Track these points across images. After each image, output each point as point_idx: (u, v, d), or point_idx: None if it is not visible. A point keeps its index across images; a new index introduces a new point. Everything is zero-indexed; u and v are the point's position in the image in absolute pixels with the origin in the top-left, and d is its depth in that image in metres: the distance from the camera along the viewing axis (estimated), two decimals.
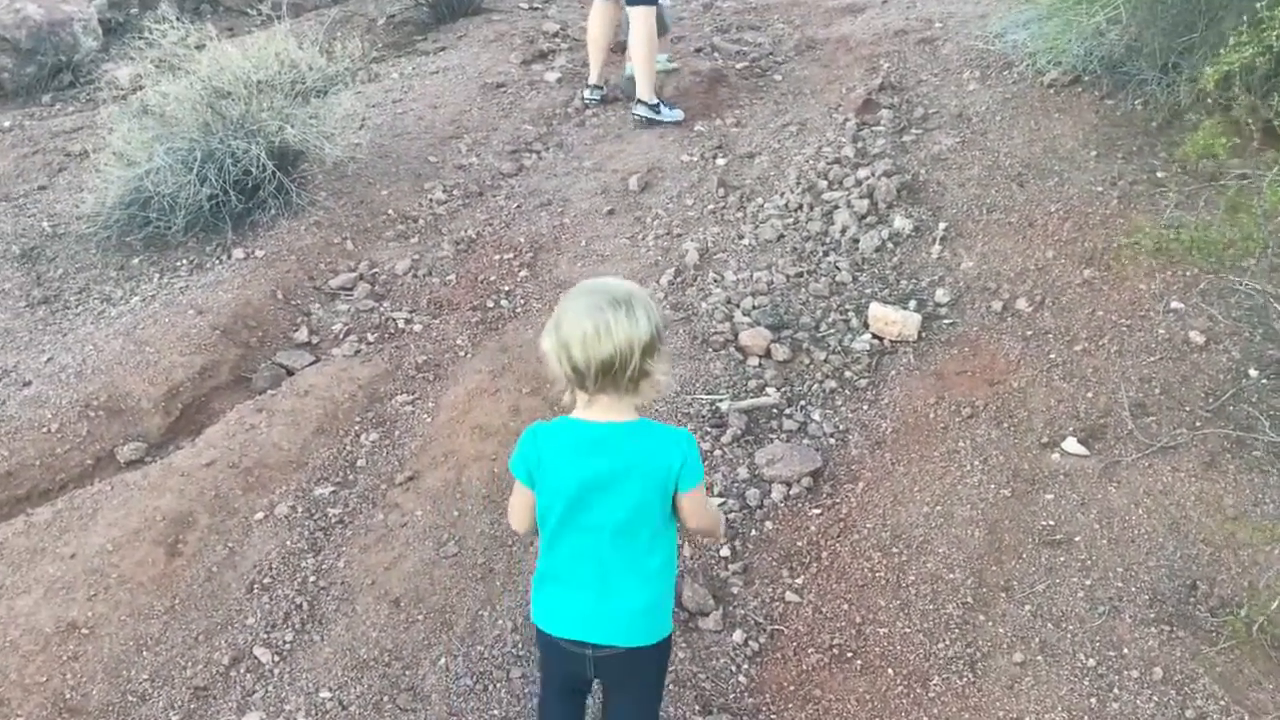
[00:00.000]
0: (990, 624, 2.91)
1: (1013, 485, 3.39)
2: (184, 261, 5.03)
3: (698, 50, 7.43)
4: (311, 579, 3.21)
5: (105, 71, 7.86)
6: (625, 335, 2.07)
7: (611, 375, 2.09)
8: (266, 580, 3.20)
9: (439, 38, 7.97)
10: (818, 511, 3.39)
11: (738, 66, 7.20)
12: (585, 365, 2.08)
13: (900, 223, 5.00)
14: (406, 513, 3.44)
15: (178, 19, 8.90)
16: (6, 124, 7.09)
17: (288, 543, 3.34)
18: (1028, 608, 2.93)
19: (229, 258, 4.98)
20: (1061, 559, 3.08)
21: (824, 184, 5.41)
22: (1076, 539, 3.15)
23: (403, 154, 6.07)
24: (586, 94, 6.83)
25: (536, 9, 8.25)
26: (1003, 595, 2.98)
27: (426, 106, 6.73)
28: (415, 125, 6.47)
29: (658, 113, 6.43)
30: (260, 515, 3.46)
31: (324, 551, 3.32)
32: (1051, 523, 3.23)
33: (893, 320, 4.25)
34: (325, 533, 3.40)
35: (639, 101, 6.43)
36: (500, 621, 3.01)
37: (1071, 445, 3.54)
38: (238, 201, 5.09)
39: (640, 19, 6.20)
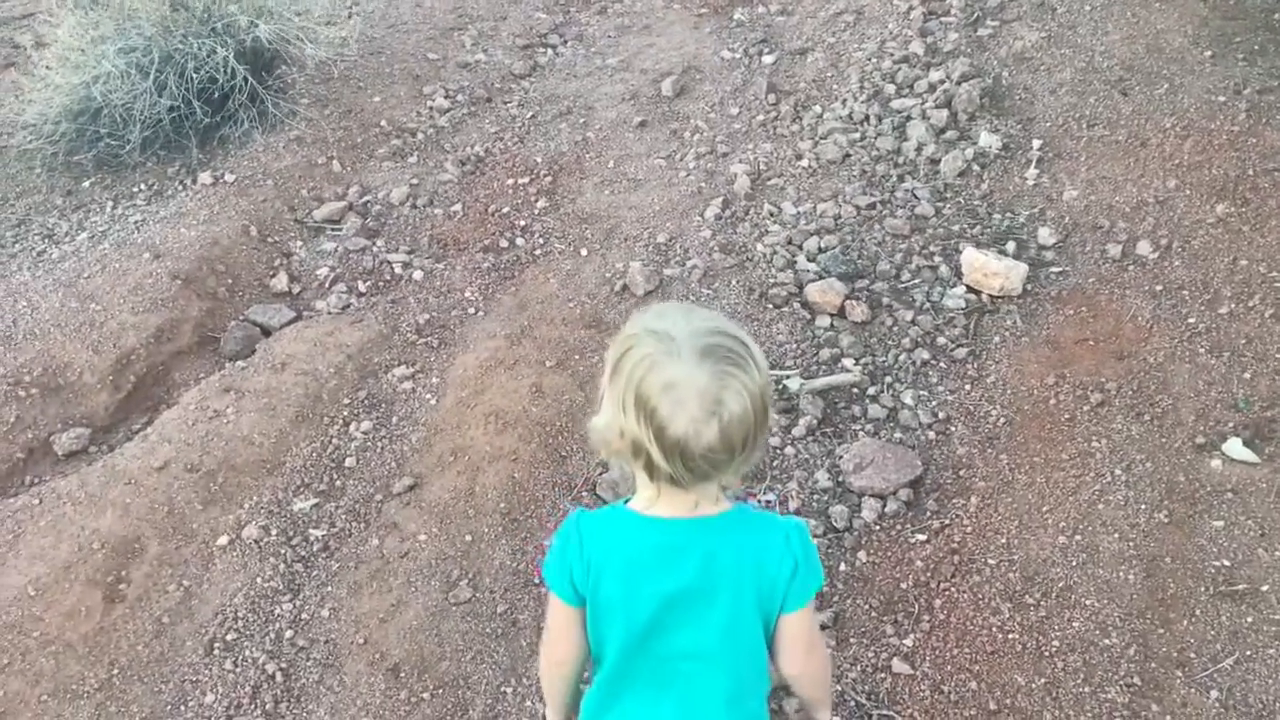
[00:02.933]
0: (1168, 719, 2.24)
1: (1168, 506, 2.70)
2: (141, 186, 4.26)
3: None
4: (288, 634, 2.54)
5: None
6: (758, 398, 1.35)
7: (730, 460, 1.37)
8: (230, 636, 2.53)
9: None
10: (923, 538, 2.70)
11: None
12: (691, 458, 1.34)
13: (986, 139, 4.21)
14: (407, 536, 2.76)
15: None
16: None
17: (258, 579, 2.66)
18: (1214, 694, 2.27)
19: (194, 183, 4.21)
20: (1248, 619, 2.41)
21: (891, 89, 4.59)
22: (1263, 588, 2.47)
23: (397, 50, 5.22)
24: None
25: None
26: (1179, 674, 2.31)
27: None
28: (412, 14, 5.60)
29: None
30: (224, 540, 2.77)
31: (304, 592, 2.64)
32: (1227, 563, 2.54)
33: (993, 271, 3.50)
34: (305, 564, 2.72)
35: None
36: (529, 703, 2.35)
37: (1235, 448, 2.83)
38: (203, 114, 4.29)
39: None
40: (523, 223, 4.09)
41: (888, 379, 3.24)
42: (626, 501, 1.52)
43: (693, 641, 1.52)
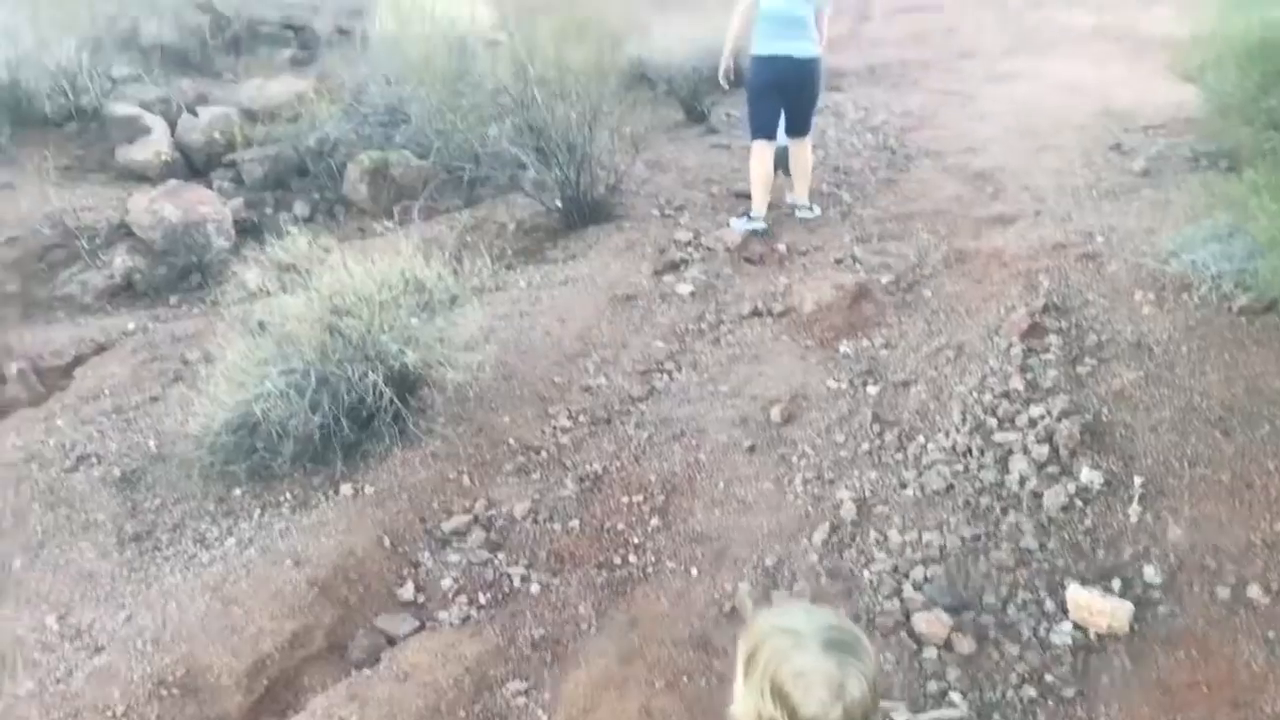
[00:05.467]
0: None
1: None
2: (287, 496, 4.63)
3: (837, 261, 6.96)
4: None
5: (234, 273, 7.77)
6: (872, 682, 1.66)
7: None
8: None
9: (569, 245, 7.70)
10: None
11: (882, 280, 6.69)
12: None
13: (1088, 475, 4.33)
14: None
15: (309, 219, 8.94)
16: (130, 326, 6.97)
17: None
18: None
19: (336, 494, 4.57)
20: None
21: (993, 422, 4.79)
22: None
23: (527, 374, 5.67)
24: (749, 224, 7.30)
25: (669, 216, 7.94)
26: None
27: (554, 319, 6.38)
28: (542, 341, 6.09)
29: (812, 211, 7.56)
30: None
31: None
32: None
33: (1099, 610, 3.55)
34: None
35: (803, 206, 7.55)
36: None
37: None
38: (350, 431, 4.70)
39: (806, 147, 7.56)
40: (636, 540, 4.30)
41: (995, 716, 3.25)
42: None
43: None
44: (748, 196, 7.58)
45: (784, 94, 7.23)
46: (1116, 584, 3.73)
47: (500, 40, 9.30)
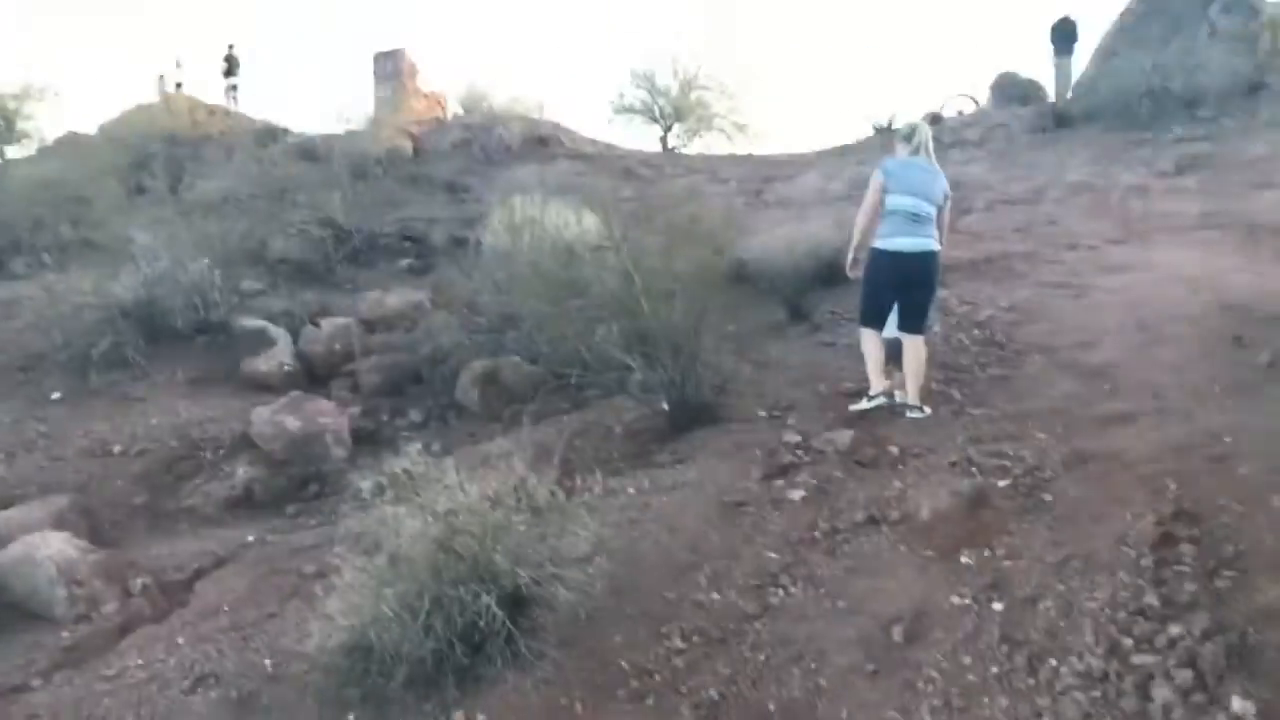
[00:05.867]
0: None
1: None
2: None
3: (952, 464, 6.79)
4: None
5: (350, 482, 7.95)
6: None
7: None
8: None
9: (676, 448, 7.71)
10: None
11: (1000, 485, 6.48)
12: None
13: (1239, 705, 4.05)
14: None
15: (423, 424, 9.15)
16: (250, 538, 7.14)
17: None
18: None
19: None
20: None
21: (1129, 643, 4.53)
22: None
23: (638, 589, 5.59)
24: (869, 403, 7.44)
25: (776, 417, 7.93)
26: None
27: (663, 529, 6.32)
28: (652, 551, 6.03)
29: (923, 411, 7.36)
30: None
31: None
32: None
33: None
34: None
35: (914, 407, 7.36)
36: None
37: None
38: (462, 654, 4.67)
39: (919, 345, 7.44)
40: None
41: None
42: None
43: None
44: (856, 395, 7.60)
45: (902, 288, 7.32)
46: None
47: (606, 246, 9.62)
